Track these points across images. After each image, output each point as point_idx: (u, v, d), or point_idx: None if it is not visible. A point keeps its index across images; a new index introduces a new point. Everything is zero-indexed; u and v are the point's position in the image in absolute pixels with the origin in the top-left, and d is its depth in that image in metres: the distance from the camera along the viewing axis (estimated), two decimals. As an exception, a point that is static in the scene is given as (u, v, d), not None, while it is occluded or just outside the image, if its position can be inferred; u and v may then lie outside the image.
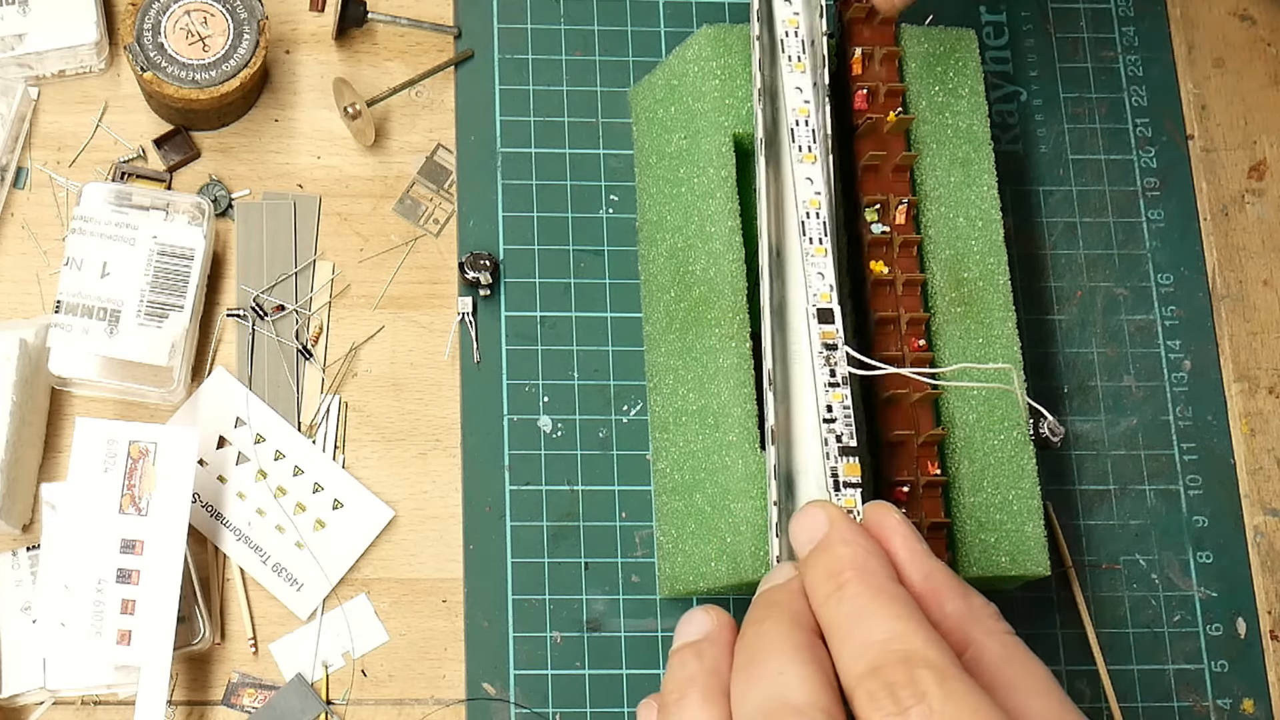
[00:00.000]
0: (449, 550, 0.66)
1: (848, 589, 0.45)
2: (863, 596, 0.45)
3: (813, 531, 0.47)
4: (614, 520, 0.67)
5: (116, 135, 0.70)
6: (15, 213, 0.69)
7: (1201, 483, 0.70)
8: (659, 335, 0.66)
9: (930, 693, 0.42)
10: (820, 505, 0.48)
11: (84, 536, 0.60)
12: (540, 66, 0.72)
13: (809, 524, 0.48)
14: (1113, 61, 0.76)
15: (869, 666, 0.43)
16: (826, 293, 0.56)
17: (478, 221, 0.70)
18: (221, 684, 0.64)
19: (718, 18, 0.73)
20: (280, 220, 0.69)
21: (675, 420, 0.65)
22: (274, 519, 0.66)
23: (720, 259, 0.63)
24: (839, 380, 0.54)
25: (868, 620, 0.44)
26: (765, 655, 0.45)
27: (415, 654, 0.65)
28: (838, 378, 0.54)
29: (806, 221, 0.57)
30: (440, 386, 0.68)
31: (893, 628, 0.44)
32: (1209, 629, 0.68)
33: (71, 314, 0.64)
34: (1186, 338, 0.72)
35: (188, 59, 0.66)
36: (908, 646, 0.43)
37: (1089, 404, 0.71)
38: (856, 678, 0.43)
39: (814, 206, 0.57)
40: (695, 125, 0.65)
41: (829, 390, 0.54)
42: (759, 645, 0.45)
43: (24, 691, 0.62)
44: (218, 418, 0.66)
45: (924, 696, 0.42)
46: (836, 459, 0.53)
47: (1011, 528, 0.61)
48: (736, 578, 0.60)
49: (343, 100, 0.69)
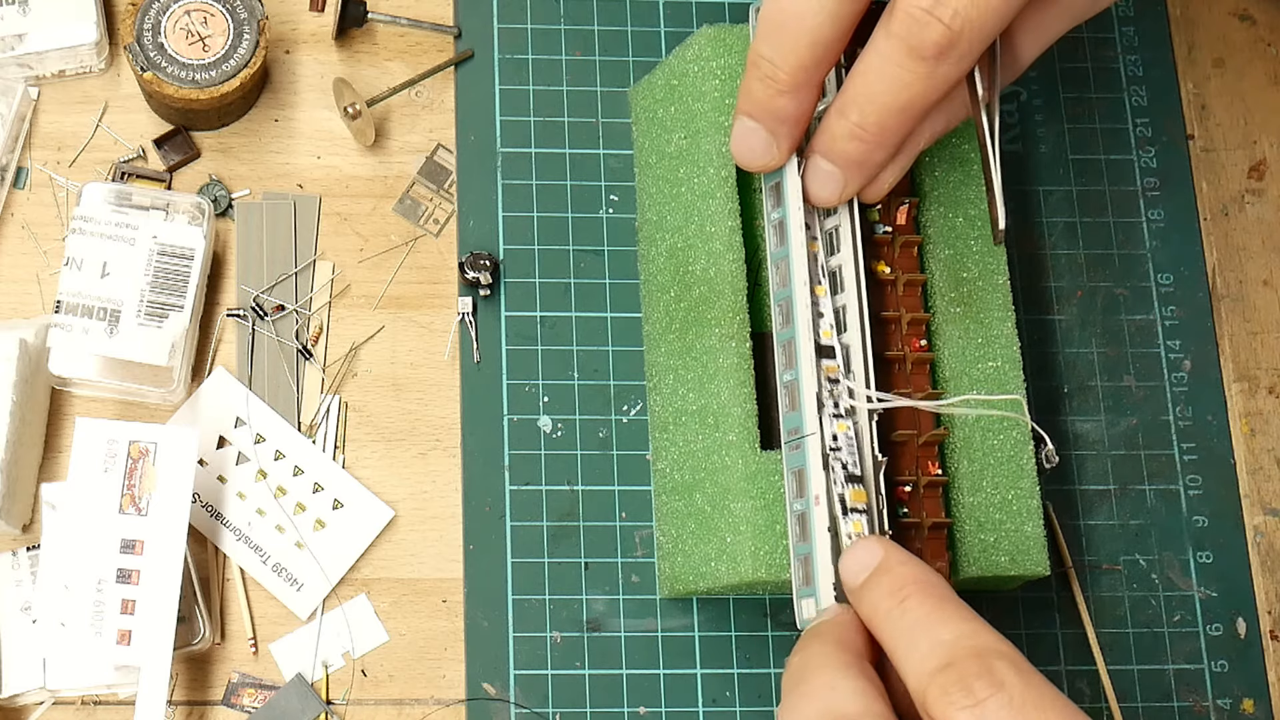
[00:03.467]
0: (449, 550, 0.66)
1: (911, 600, 0.46)
2: (928, 604, 0.46)
3: (866, 560, 0.49)
4: (614, 520, 0.67)
5: (116, 135, 0.70)
6: (15, 213, 0.69)
7: (1201, 483, 0.70)
8: (659, 335, 0.66)
9: (1009, 681, 0.42)
10: (872, 538, 0.51)
11: (84, 536, 0.60)
12: (540, 66, 0.72)
13: (862, 555, 0.50)
14: (1113, 61, 0.76)
15: (941, 663, 0.43)
16: (828, 330, 0.57)
17: (478, 221, 0.70)
18: (221, 684, 0.64)
19: (718, 18, 0.73)
20: (280, 220, 0.69)
21: (675, 420, 0.65)
22: (274, 519, 0.66)
23: (720, 259, 0.63)
24: (841, 412, 0.56)
25: (936, 624, 0.45)
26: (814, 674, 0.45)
27: (415, 654, 0.65)
28: (841, 409, 0.56)
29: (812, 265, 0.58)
30: (440, 386, 0.68)
31: (961, 628, 0.44)
32: (1209, 629, 0.68)
33: (71, 314, 0.64)
34: (1186, 338, 0.72)
35: (188, 59, 0.66)
36: (979, 642, 0.43)
37: (1089, 404, 0.71)
38: (928, 676, 0.43)
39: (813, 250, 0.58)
40: (695, 125, 0.65)
41: (834, 421, 0.56)
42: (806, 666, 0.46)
43: (24, 691, 0.62)
44: (218, 418, 0.66)
45: (1002, 685, 0.42)
46: (843, 485, 0.55)
47: (1011, 527, 0.61)
48: (736, 578, 0.60)
49: (343, 100, 0.69)
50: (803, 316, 0.57)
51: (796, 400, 0.57)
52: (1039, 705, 0.41)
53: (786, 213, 0.58)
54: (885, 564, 0.49)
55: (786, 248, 0.58)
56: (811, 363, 0.57)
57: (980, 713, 0.41)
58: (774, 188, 0.59)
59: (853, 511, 0.55)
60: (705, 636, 0.66)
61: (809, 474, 0.56)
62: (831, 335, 0.58)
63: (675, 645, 0.66)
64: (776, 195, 0.59)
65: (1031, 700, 0.41)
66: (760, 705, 0.65)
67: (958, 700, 0.42)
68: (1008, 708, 0.41)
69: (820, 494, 0.55)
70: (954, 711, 0.42)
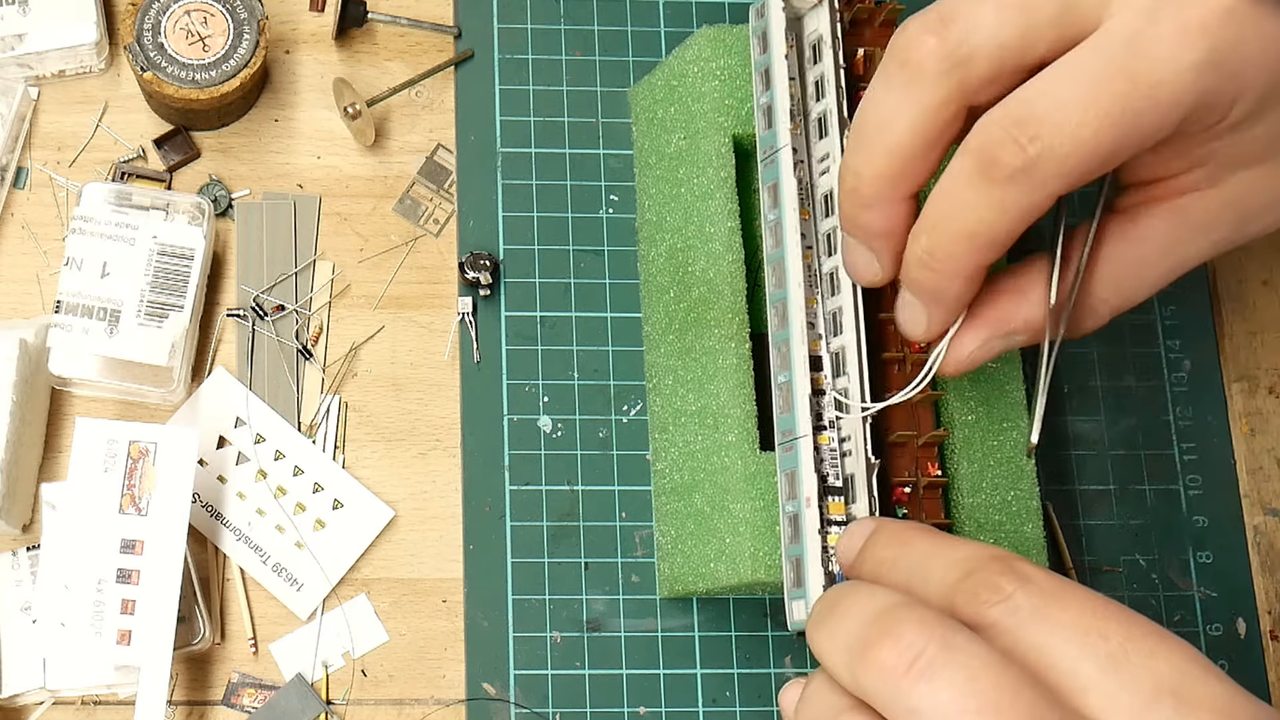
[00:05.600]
0: (449, 550, 0.66)
1: (915, 538, 0.47)
2: (932, 536, 0.46)
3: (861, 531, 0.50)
4: (614, 520, 0.67)
5: (116, 135, 0.70)
6: (15, 213, 0.69)
7: (1201, 483, 0.70)
8: (658, 336, 0.66)
9: (1033, 574, 0.42)
10: (864, 518, 0.51)
11: (84, 536, 0.60)
12: (540, 66, 0.72)
13: (856, 530, 0.50)
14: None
15: (963, 574, 0.43)
16: (817, 341, 0.57)
17: (478, 221, 0.70)
18: (221, 684, 0.64)
19: (718, 18, 0.73)
20: (280, 220, 0.69)
21: (675, 421, 0.65)
22: (274, 519, 0.66)
23: (720, 259, 0.63)
24: (825, 424, 0.56)
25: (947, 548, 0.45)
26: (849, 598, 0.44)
27: (415, 654, 0.65)
28: (824, 420, 0.56)
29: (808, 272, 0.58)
30: (440, 386, 0.68)
31: (972, 546, 0.45)
32: (1209, 629, 0.68)
33: (71, 314, 0.64)
34: (1186, 338, 0.72)
35: (188, 59, 0.66)
36: (995, 551, 0.44)
37: (1089, 404, 0.71)
38: (952, 588, 0.43)
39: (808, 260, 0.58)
40: (695, 126, 0.65)
41: (817, 432, 0.57)
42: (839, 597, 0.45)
43: (24, 691, 0.62)
44: (218, 418, 0.66)
45: (1029, 579, 0.42)
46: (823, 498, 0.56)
47: (1011, 529, 0.61)
48: (735, 579, 0.60)
49: (343, 100, 0.69)
50: (797, 319, 0.57)
51: (790, 402, 0.57)
52: (1063, 592, 0.41)
53: (782, 214, 0.58)
54: (880, 525, 0.49)
55: (782, 249, 0.58)
56: (805, 365, 0.57)
57: (1012, 605, 0.41)
58: (771, 188, 0.59)
59: (831, 524, 0.55)
60: (705, 636, 0.66)
61: (800, 476, 0.56)
62: (820, 345, 0.58)
63: (675, 645, 0.66)
64: (773, 196, 0.59)
65: (1058, 586, 0.42)
66: (760, 705, 0.65)
67: (988, 599, 0.42)
68: (1037, 595, 0.41)
69: (811, 496, 0.55)
70: (986, 609, 0.42)
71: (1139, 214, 0.52)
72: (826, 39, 0.59)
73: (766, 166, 0.60)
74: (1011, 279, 0.53)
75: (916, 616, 0.41)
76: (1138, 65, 0.45)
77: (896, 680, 0.40)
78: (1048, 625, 0.41)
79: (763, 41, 0.61)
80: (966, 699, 0.39)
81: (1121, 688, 0.39)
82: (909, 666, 0.40)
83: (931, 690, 0.39)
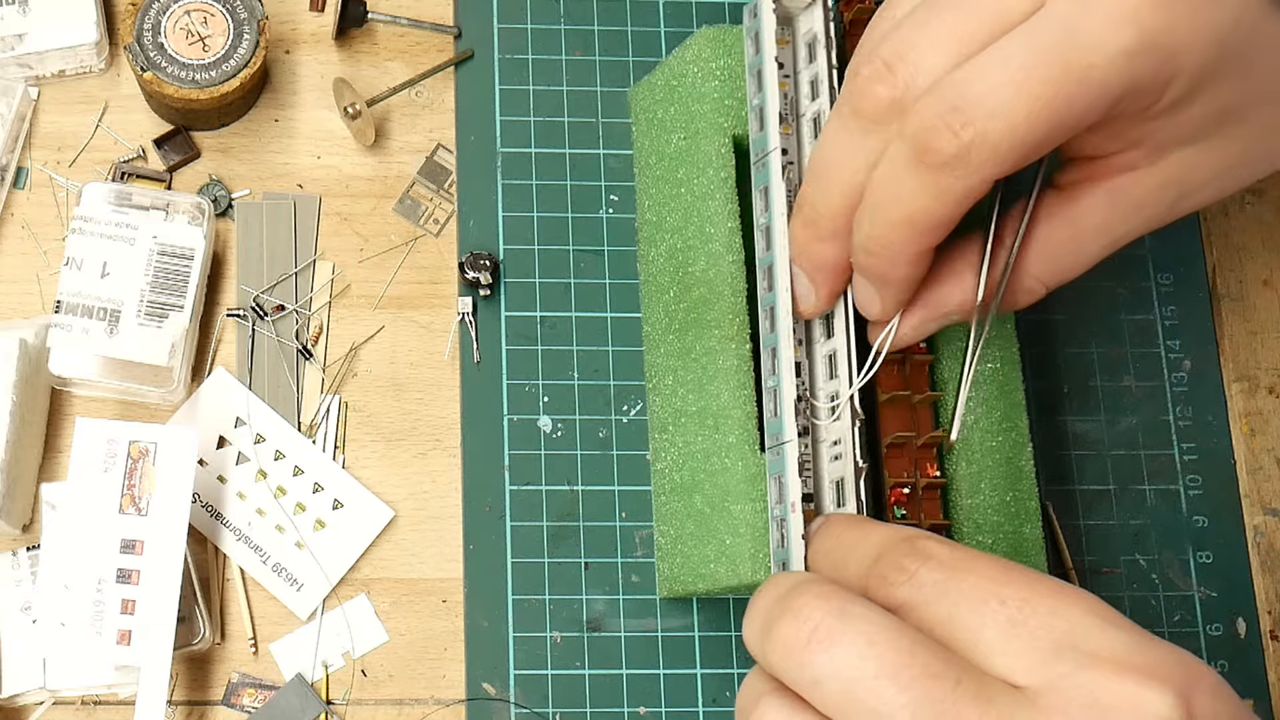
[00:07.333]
0: (449, 550, 0.66)
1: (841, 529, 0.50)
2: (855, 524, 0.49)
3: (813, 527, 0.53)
4: (614, 520, 0.67)
5: (116, 135, 0.70)
6: (15, 213, 0.69)
7: (1201, 483, 0.70)
8: (658, 336, 0.66)
9: (935, 551, 0.43)
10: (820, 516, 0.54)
11: (84, 536, 0.60)
12: (540, 66, 0.72)
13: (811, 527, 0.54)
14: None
15: (874, 557, 0.45)
16: (797, 347, 0.57)
17: (478, 221, 0.70)
18: (221, 684, 0.64)
19: (718, 18, 0.73)
20: (280, 220, 0.69)
21: (675, 421, 0.65)
22: (274, 519, 0.66)
23: (720, 260, 0.63)
24: (801, 430, 0.56)
25: (866, 534, 0.47)
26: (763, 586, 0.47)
27: (415, 654, 0.65)
28: (801, 426, 0.56)
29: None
30: (440, 386, 0.68)
31: (886, 529, 0.47)
32: (1209, 629, 0.68)
33: (71, 314, 0.64)
34: (1186, 338, 0.72)
35: (188, 59, 0.66)
36: (905, 533, 0.45)
37: (1089, 404, 0.71)
38: (865, 572, 0.45)
39: None
40: (695, 126, 0.65)
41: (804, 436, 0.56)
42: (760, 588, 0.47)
43: (24, 691, 0.62)
44: (218, 418, 0.66)
45: (931, 555, 0.43)
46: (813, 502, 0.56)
47: (1010, 529, 0.61)
48: (735, 579, 0.60)
49: (343, 100, 0.69)
50: (784, 323, 0.57)
51: (778, 406, 0.57)
52: (963, 564, 0.43)
53: (772, 217, 0.58)
54: (824, 522, 0.52)
55: (772, 253, 0.58)
56: (792, 369, 0.57)
57: (916, 583, 0.43)
58: (763, 191, 0.59)
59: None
60: (705, 636, 0.66)
61: (787, 481, 0.56)
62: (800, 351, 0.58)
63: (675, 645, 0.66)
64: (765, 199, 0.59)
65: (959, 558, 0.43)
66: (760, 705, 0.65)
67: (895, 579, 0.43)
68: (939, 570, 0.43)
69: (797, 501, 0.55)
70: (894, 590, 0.43)
71: (1076, 193, 0.52)
72: (820, 39, 0.59)
73: (759, 169, 0.60)
74: (947, 261, 0.54)
75: (814, 591, 0.42)
76: (1070, 50, 0.45)
77: (799, 654, 0.41)
78: (950, 598, 0.42)
79: (755, 42, 0.61)
80: (865, 663, 0.40)
81: (1023, 647, 0.40)
82: (808, 639, 0.41)
83: (830, 659, 0.41)
